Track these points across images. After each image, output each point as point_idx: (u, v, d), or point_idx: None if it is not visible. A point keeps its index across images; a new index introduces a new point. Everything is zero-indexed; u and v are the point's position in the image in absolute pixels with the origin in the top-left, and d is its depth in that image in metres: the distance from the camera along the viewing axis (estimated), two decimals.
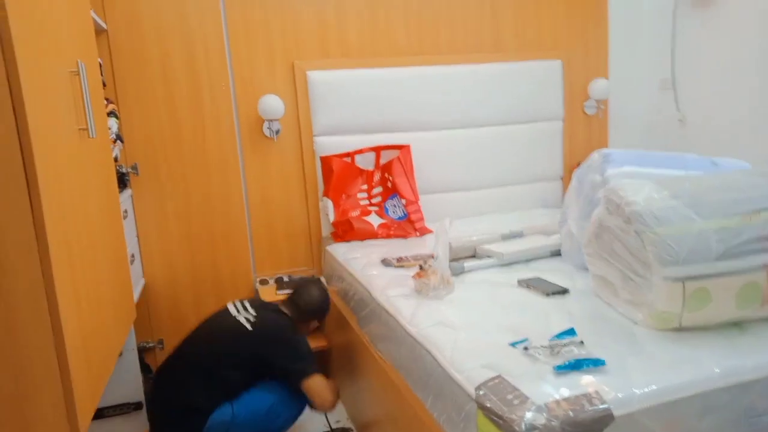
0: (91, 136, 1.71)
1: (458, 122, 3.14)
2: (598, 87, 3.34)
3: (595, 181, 1.97)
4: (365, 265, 2.37)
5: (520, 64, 3.21)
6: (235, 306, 2.17)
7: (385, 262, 2.34)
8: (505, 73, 3.19)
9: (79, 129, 1.66)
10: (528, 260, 2.24)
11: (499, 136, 3.24)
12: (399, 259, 2.35)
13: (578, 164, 3.35)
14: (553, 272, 2.04)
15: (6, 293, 1.25)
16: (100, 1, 2.51)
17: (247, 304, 2.17)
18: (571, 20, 3.33)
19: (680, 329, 1.42)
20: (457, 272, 2.11)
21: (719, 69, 3.03)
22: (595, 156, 2.04)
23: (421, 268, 1.93)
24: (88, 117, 1.69)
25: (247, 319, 2.08)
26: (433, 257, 1.95)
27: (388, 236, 2.83)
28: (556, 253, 2.27)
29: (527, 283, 1.90)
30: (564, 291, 1.80)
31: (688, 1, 3.16)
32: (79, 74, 1.67)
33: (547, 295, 1.78)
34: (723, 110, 3.03)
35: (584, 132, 3.48)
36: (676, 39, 3.26)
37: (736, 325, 1.44)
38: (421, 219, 2.91)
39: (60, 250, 1.33)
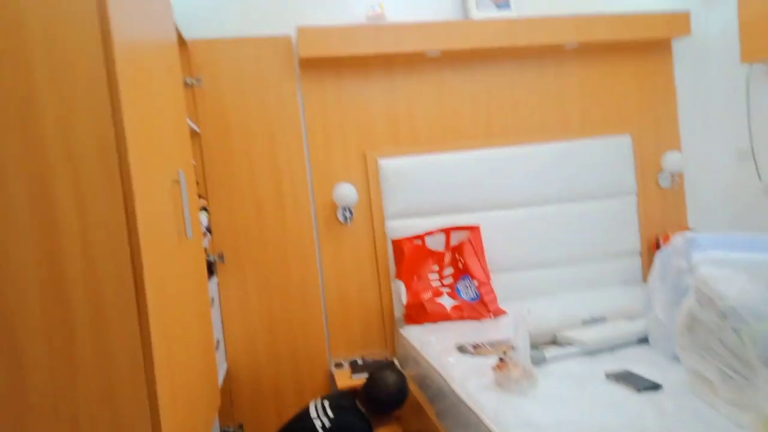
0: (188, 238, 1.86)
1: (527, 200, 3.15)
2: (671, 160, 3.27)
3: (681, 266, 1.91)
4: (441, 351, 2.35)
5: (588, 140, 3.22)
6: (316, 407, 2.20)
7: (462, 349, 2.32)
8: (572, 151, 3.19)
9: (178, 232, 1.81)
10: (613, 348, 2.15)
11: (570, 213, 3.20)
12: (476, 346, 2.32)
13: (656, 239, 3.29)
14: (642, 363, 1.94)
15: (110, 385, 1.34)
16: (194, 107, 2.78)
17: (327, 405, 2.19)
18: (638, 95, 3.33)
19: None
20: (538, 362, 2.05)
21: None
22: (679, 239, 1.98)
23: (501, 360, 1.90)
24: (186, 221, 1.85)
25: (323, 425, 2.09)
26: (512, 347, 1.91)
27: (462, 318, 2.81)
28: (644, 340, 2.17)
29: (616, 377, 1.82)
30: (657, 386, 1.71)
31: (763, 69, 3.10)
32: (179, 182, 1.85)
33: (639, 390, 1.70)
34: None
35: (660, 205, 3.38)
36: (750, 107, 3.18)
37: None
38: (495, 300, 2.88)
39: (161, 344, 1.43)
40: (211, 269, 2.74)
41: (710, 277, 1.48)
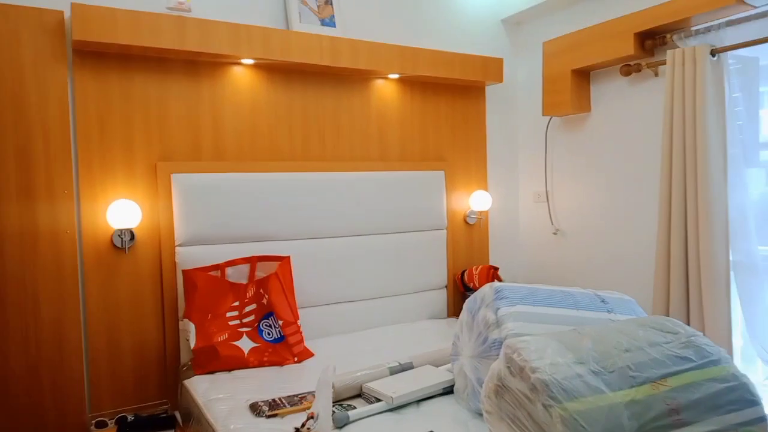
0: None
1: (340, 230, 2.95)
2: (478, 198, 3.37)
3: (489, 319, 1.83)
4: (229, 413, 1.98)
5: (406, 173, 3.16)
6: None
7: (255, 409, 1.97)
8: (390, 182, 3.10)
9: None
10: (419, 401, 2.01)
11: (383, 245, 3.10)
12: (272, 404, 1.99)
13: (462, 273, 3.34)
14: (446, 419, 1.82)
15: None
16: None
17: None
18: (453, 133, 3.38)
19: None
20: (341, 423, 1.81)
21: (586, 185, 3.20)
22: (487, 290, 1.91)
23: (297, 430, 1.60)
24: None
25: None
26: (311, 415, 1.63)
27: (261, 363, 2.46)
28: (449, 390, 2.07)
29: None
30: None
31: (559, 122, 3.36)
32: None
33: None
34: (588, 223, 3.18)
35: (466, 241, 3.46)
36: (548, 155, 3.43)
37: None
38: (301, 341, 2.59)
39: None
40: None
41: (521, 344, 1.39)
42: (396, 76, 3.06)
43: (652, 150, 2.84)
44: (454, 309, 3.39)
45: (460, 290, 3.40)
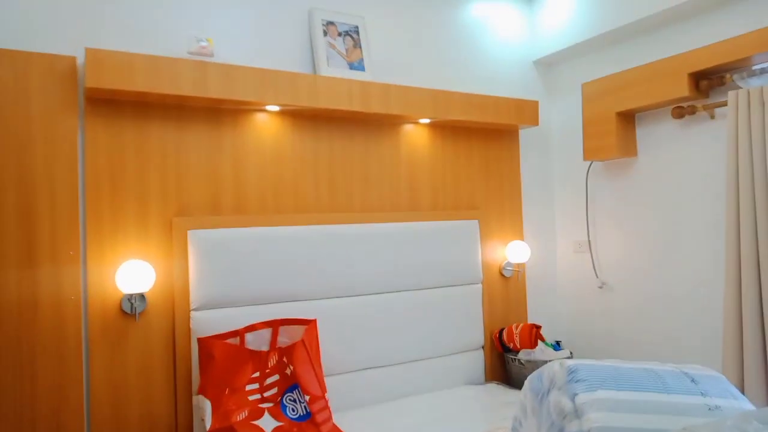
0: None
1: (369, 287, 2.70)
2: (514, 249, 3.11)
3: (564, 406, 1.54)
4: None
5: (438, 223, 2.92)
6: None
7: None
8: (421, 233, 2.86)
9: None
10: None
11: (417, 302, 2.83)
12: None
13: (500, 331, 3.05)
14: None
15: None
16: None
17: None
18: (486, 180, 3.16)
19: None
20: None
21: (633, 234, 2.94)
22: (558, 368, 1.63)
23: None
24: None
25: None
26: None
27: None
28: None
29: None
30: None
31: (600, 167, 3.14)
32: None
33: None
34: (636, 275, 2.90)
35: (502, 296, 3.19)
36: (589, 201, 3.19)
37: None
38: (329, 419, 2.29)
39: None
40: None
41: None
42: (427, 120, 2.86)
43: (708, 196, 2.59)
44: (492, 372, 3.08)
45: (498, 351, 3.10)
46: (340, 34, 2.70)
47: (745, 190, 2.29)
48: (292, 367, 2.31)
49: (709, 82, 2.50)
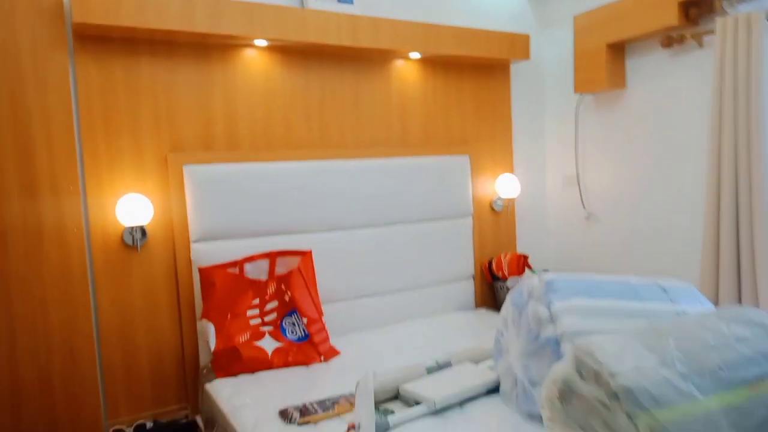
0: None
1: (363, 221, 2.79)
2: (504, 183, 3.18)
3: (540, 314, 1.66)
4: (258, 421, 1.82)
5: (429, 158, 2.98)
6: None
7: (285, 416, 1.82)
8: (413, 168, 2.92)
9: None
10: (462, 403, 1.85)
11: (409, 234, 2.93)
12: (303, 410, 1.83)
13: (489, 262, 3.17)
14: (496, 423, 1.66)
15: None
16: None
17: None
18: (477, 115, 3.19)
19: None
20: (381, 430, 1.65)
21: (620, 166, 3.01)
22: (536, 282, 1.74)
23: None
24: None
25: None
26: (352, 422, 1.48)
27: (286, 364, 2.31)
28: (493, 390, 1.91)
29: None
30: None
31: (590, 100, 3.17)
32: None
33: None
34: (623, 206, 2.99)
35: (492, 228, 3.28)
36: (578, 135, 3.24)
37: None
38: (326, 339, 2.43)
39: None
40: None
41: (596, 347, 1.22)
42: (418, 55, 2.87)
43: (695, 126, 2.64)
44: (482, 299, 3.22)
45: (487, 280, 3.23)
46: None
47: (727, 116, 2.34)
48: (290, 294, 2.43)
49: (698, 9, 2.50)
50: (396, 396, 1.93)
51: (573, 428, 1.30)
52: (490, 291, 3.26)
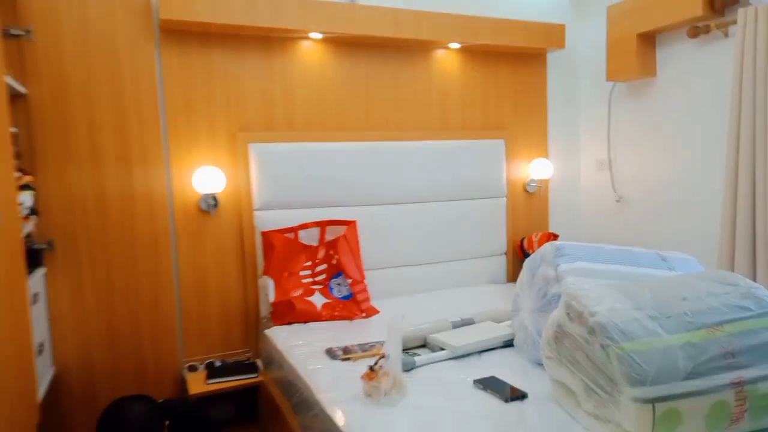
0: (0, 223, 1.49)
1: (404, 197, 3.09)
2: (538, 166, 3.40)
3: (549, 275, 1.93)
4: (308, 356, 2.18)
5: (466, 142, 3.24)
6: None
7: (331, 354, 2.17)
8: (451, 150, 3.19)
9: None
10: (481, 352, 2.14)
11: (445, 212, 3.21)
12: (345, 350, 2.18)
13: (521, 241, 3.41)
14: (507, 368, 1.94)
15: None
16: (19, 62, 2.29)
17: None
18: (513, 102, 3.42)
19: None
20: (409, 367, 1.97)
21: (649, 151, 3.17)
22: (548, 248, 2.00)
23: (371, 369, 1.78)
24: None
25: None
26: (383, 355, 1.80)
27: (333, 317, 2.66)
28: (509, 344, 2.19)
29: (484, 385, 1.78)
30: (523, 396, 1.70)
31: (623, 88, 3.33)
32: None
33: (507, 401, 1.67)
34: (651, 190, 3.15)
35: (526, 209, 3.52)
36: (611, 122, 3.41)
37: None
38: (367, 299, 2.77)
39: None
40: (36, 259, 2.30)
41: (580, 292, 1.48)
42: (457, 45, 3.13)
43: (720, 115, 2.78)
44: (514, 275, 3.47)
45: (519, 257, 3.48)
46: None
47: (747, 103, 2.48)
48: (337, 258, 2.78)
49: (723, 0, 2.64)
50: (424, 345, 2.25)
51: (564, 365, 1.57)
52: (521, 267, 3.50)
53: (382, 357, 1.78)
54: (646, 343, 1.34)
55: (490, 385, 1.79)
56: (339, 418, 1.68)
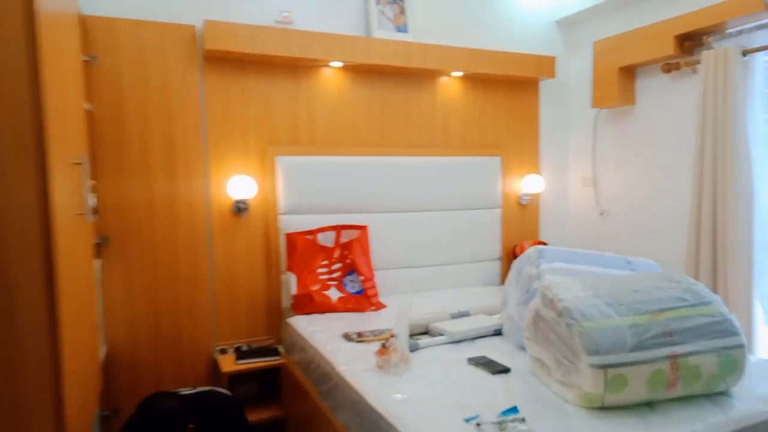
0: (86, 220, 1.87)
1: (410, 206, 3.48)
2: (530, 182, 3.80)
3: (531, 273, 2.31)
4: (327, 339, 2.56)
5: (466, 158, 3.64)
6: None
7: (347, 337, 2.55)
8: (453, 166, 3.59)
9: (77, 214, 1.82)
10: (474, 338, 2.52)
11: (446, 220, 3.60)
12: (359, 334, 2.56)
13: (513, 248, 3.80)
14: (496, 351, 2.32)
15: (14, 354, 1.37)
16: (87, 84, 2.69)
17: None
18: (509, 124, 3.83)
19: (603, 408, 1.72)
20: (413, 349, 2.35)
21: (629, 170, 3.57)
22: (532, 251, 2.39)
23: (383, 345, 2.16)
24: (86, 204, 1.86)
25: None
26: (393, 335, 2.18)
27: (346, 309, 3.04)
28: (498, 332, 2.57)
29: (476, 362, 2.16)
30: (507, 370, 2.08)
31: (606, 114, 3.73)
32: (80, 165, 1.85)
33: (493, 373, 2.05)
34: (631, 205, 3.55)
35: (519, 219, 3.91)
36: (596, 143, 3.81)
37: (648, 404, 1.75)
38: (377, 294, 3.15)
39: (68, 328, 1.47)
40: (93, 252, 2.68)
41: (553, 283, 1.87)
42: (460, 74, 3.54)
43: (689, 140, 3.18)
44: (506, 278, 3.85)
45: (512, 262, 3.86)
46: (389, 2, 3.37)
47: (708, 132, 2.88)
48: (351, 258, 3.16)
49: (691, 43, 3.05)
50: (425, 332, 2.63)
51: (540, 343, 1.95)
52: None
53: (392, 336, 2.16)
54: (602, 323, 1.72)
55: (481, 362, 2.17)
56: (357, 385, 2.06)
